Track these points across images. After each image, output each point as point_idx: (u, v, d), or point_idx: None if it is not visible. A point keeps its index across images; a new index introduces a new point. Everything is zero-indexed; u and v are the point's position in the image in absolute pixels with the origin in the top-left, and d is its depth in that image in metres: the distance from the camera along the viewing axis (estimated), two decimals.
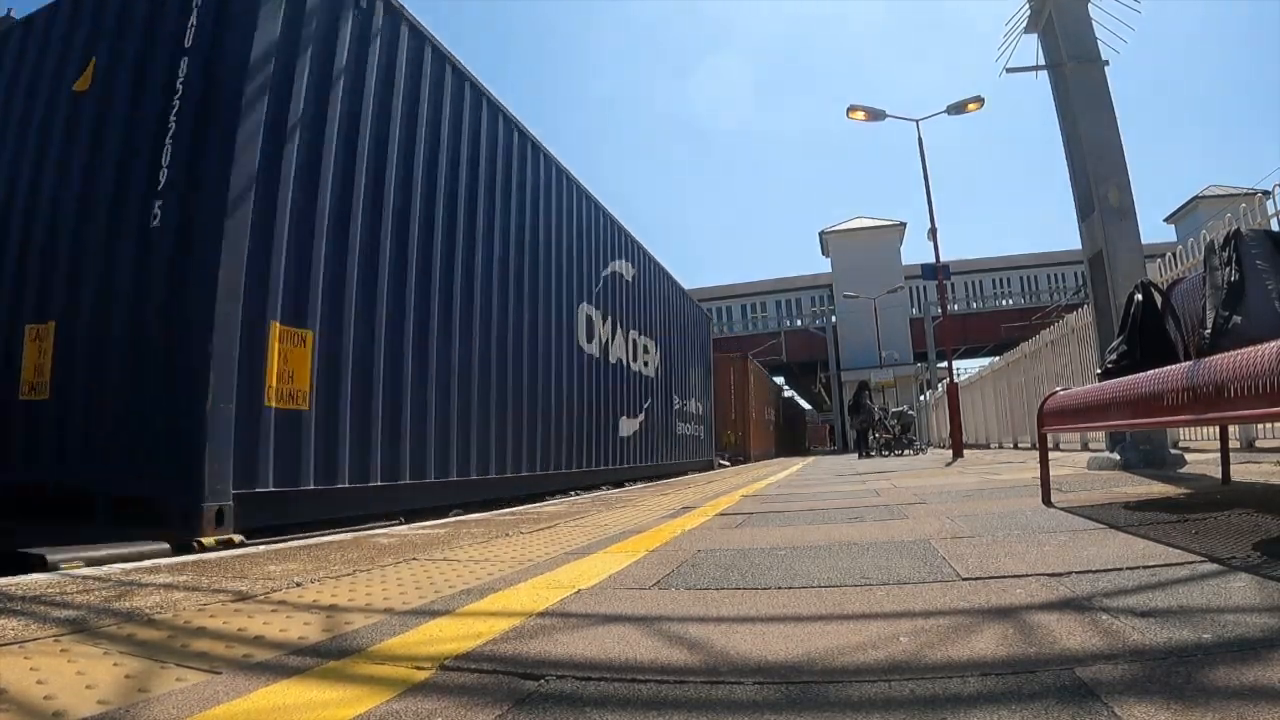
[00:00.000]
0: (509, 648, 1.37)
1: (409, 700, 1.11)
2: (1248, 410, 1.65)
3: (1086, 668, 1.07)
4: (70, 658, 1.35)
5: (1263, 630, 1.18)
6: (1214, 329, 2.36)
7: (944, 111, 11.91)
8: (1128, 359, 2.83)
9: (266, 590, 2.02)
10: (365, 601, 1.84)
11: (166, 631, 1.56)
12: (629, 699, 1.09)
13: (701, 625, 1.48)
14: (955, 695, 1.01)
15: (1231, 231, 2.51)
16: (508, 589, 1.94)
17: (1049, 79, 5.24)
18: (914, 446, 14.85)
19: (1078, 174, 5.08)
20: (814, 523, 3.15)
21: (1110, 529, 2.31)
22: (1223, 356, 1.75)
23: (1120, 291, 4.25)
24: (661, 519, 3.66)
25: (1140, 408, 2.23)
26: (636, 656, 1.28)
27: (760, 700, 1.05)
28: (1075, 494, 3.40)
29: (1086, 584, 1.59)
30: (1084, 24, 5.00)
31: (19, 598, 1.95)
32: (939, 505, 3.48)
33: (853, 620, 1.45)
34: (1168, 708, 0.90)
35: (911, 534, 2.56)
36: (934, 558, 2.06)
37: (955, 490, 4.28)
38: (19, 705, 1.11)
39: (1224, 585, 1.48)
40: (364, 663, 1.31)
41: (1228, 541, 1.92)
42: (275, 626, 1.58)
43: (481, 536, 3.25)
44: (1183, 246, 5.88)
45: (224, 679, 1.22)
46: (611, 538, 2.98)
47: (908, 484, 5.19)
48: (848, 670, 1.14)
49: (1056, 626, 1.28)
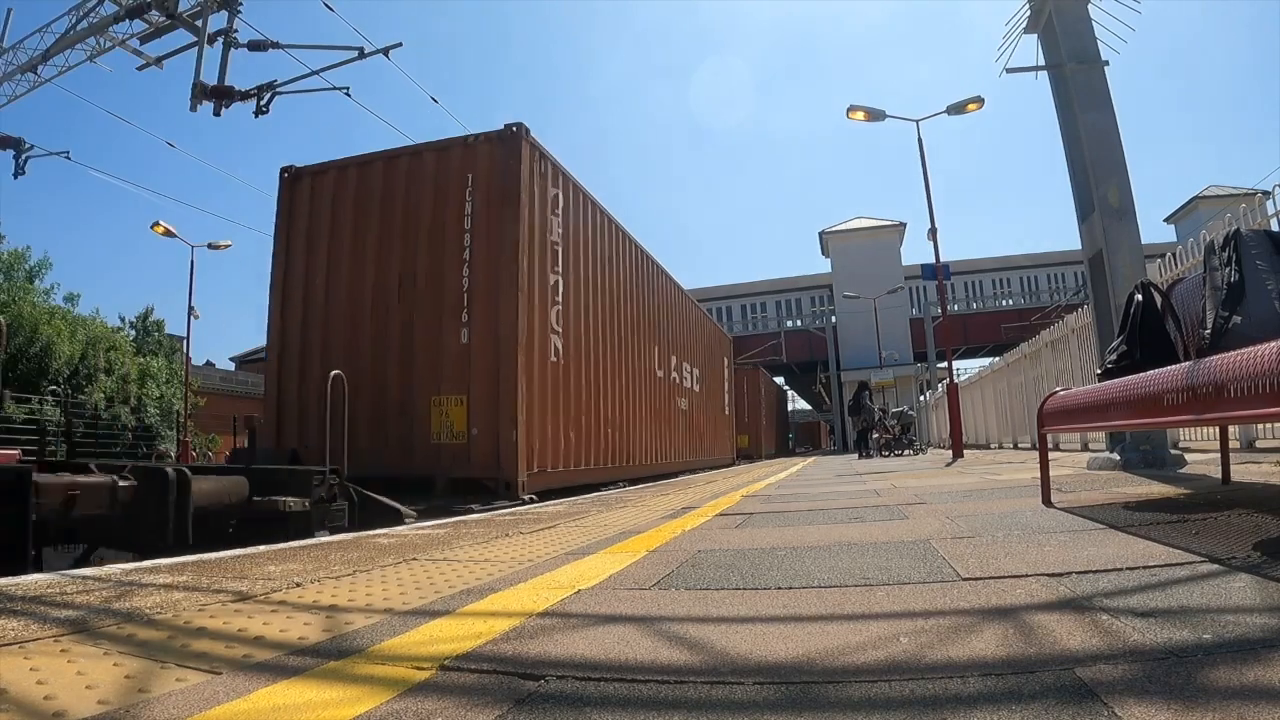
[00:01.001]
0: (509, 648, 1.37)
1: (409, 700, 1.11)
2: (1248, 410, 1.65)
3: (1087, 668, 1.07)
4: (70, 658, 1.35)
5: (1263, 630, 1.18)
6: (1214, 329, 2.37)
7: (944, 112, 11.92)
8: (1128, 359, 2.83)
9: (266, 590, 2.02)
10: (365, 602, 1.84)
11: (166, 632, 1.56)
12: (629, 699, 1.09)
13: (702, 625, 1.48)
14: (955, 695, 1.01)
15: (1231, 232, 2.52)
16: (508, 589, 1.94)
17: (1049, 79, 5.24)
18: (914, 447, 14.85)
19: (1078, 174, 5.08)
20: (814, 523, 3.15)
21: (1110, 529, 2.31)
22: (1223, 356, 1.75)
23: (1120, 291, 4.26)
24: (662, 519, 3.66)
25: (1140, 408, 2.23)
26: (637, 657, 1.28)
27: (760, 700, 1.05)
28: (1075, 494, 3.40)
29: (1087, 584, 1.59)
30: (1084, 24, 5.00)
31: (19, 598, 1.95)
32: (939, 505, 3.49)
33: (853, 620, 1.45)
34: (1168, 708, 0.90)
35: (912, 534, 2.56)
36: (934, 558, 2.06)
37: (955, 490, 4.28)
38: (19, 705, 1.11)
39: (1224, 585, 1.48)
40: (364, 663, 1.31)
41: (1228, 541, 1.92)
42: (275, 627, 1.58)
43: (481, 536, 3.25)
44: (1183, 246, 5.88)
45: (224, 679, 1.22)
46: (611, 538, 2.98)
47: (908, 484, 5.19)
48: (848, 670, 1.14)
49: (1057, 626, 1.28)
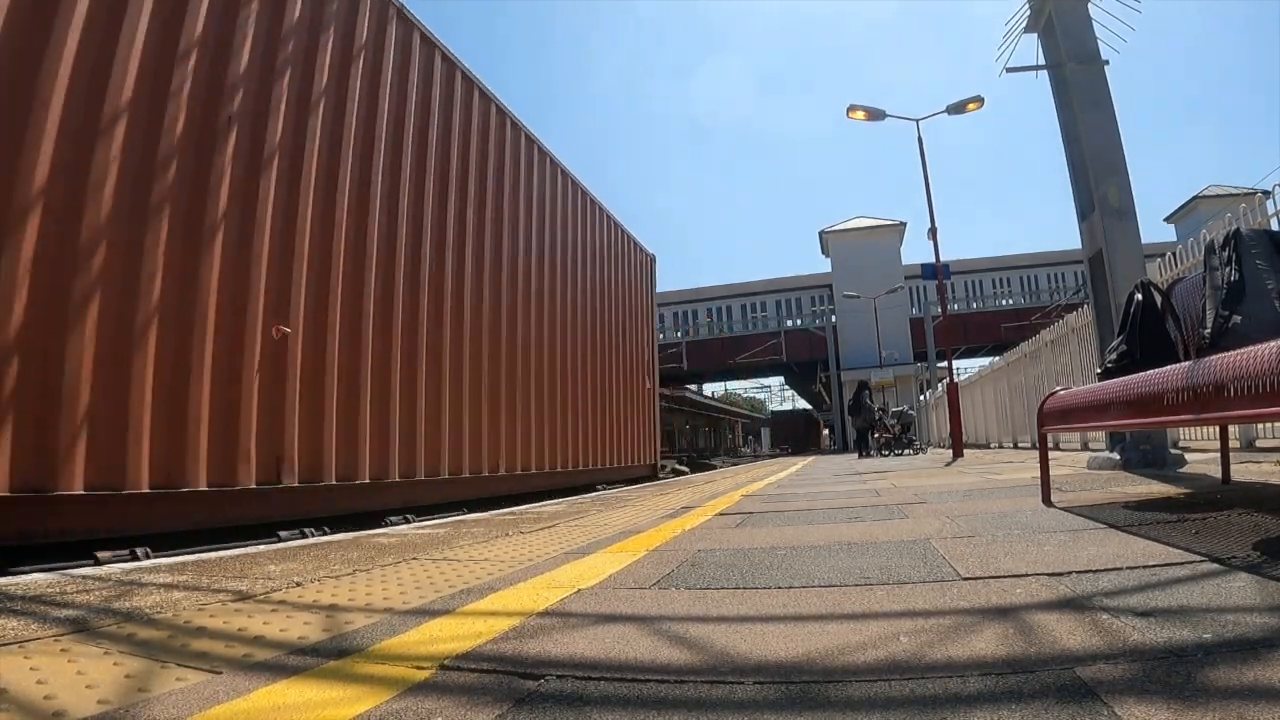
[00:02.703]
0: (509, 647, 1.37)
1: (409, 700, 1.11)
2: (1247, 410, 1.65)
3: (1087, 667, 1.06)
4: (70, 657, 1.35)
5: (1263, 630, 1.18)
6: (1214, 329, 2.36)
7: (944, 111, 11.91)
8: (1128, 359, 2.83)
9: (266, 590, 2.02)
10: (365, 601, 1.84)
11: (166, 631, 1.56)
12: (629, 699, 1.09)
13: (701, 625, 1.48)
14: (955, 695, 1.01)
15: (1231, 231, 2.51)
16: (508, 589, 1.94)
17: (1049, 79, 5.24)
18: (914, 446, 14.85)
19: (1078, 174, 5.07)
20: (814, 522, 3.15)
21: (1110, 529, 2.31)
22: (1222, 356, 1.75)
23: (1120, 291, 4.25)
24: (661, 519, 3.66)
25: (1140, 407, 2.23)
26: (636, 656, 1.28)
27: (760, 700, 1.05)
28: (1075, 494, 3.40)
29: (1087, 583, 1.59)
30: (1084, 24, 5.00)
31: (19, 597, 1.95)
32: (939, 505, 3.48)
33: (853, 620, 1.45)
34: (1168, 707, 0.90)
35: (911, 534, 2.56)
36: (934, 557, 2.06)
37: (955, 490, 4.28)
38: (19, 705, 1.11)
39: (1224, 585, 1.48)
40: (364, 662, 1.31)
41: (1228, 541, 1.92)
42: (275, 626, 1.58)
43: (481, 536, 3.25)
44: (1183, 246, 5.88)
45: (224, 679, 1.22)
46: (611, 537, 2.98)
47: (907, 484, 5.19)
48: (848, 670, 1.14)
49: (1057, 626, 1.28)
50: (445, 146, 7.31)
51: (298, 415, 5.18)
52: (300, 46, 5.43)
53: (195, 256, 4.49)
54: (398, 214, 6.45)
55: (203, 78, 4.57)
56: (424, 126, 6.94)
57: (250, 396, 4.80)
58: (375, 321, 6.06)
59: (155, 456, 4.10)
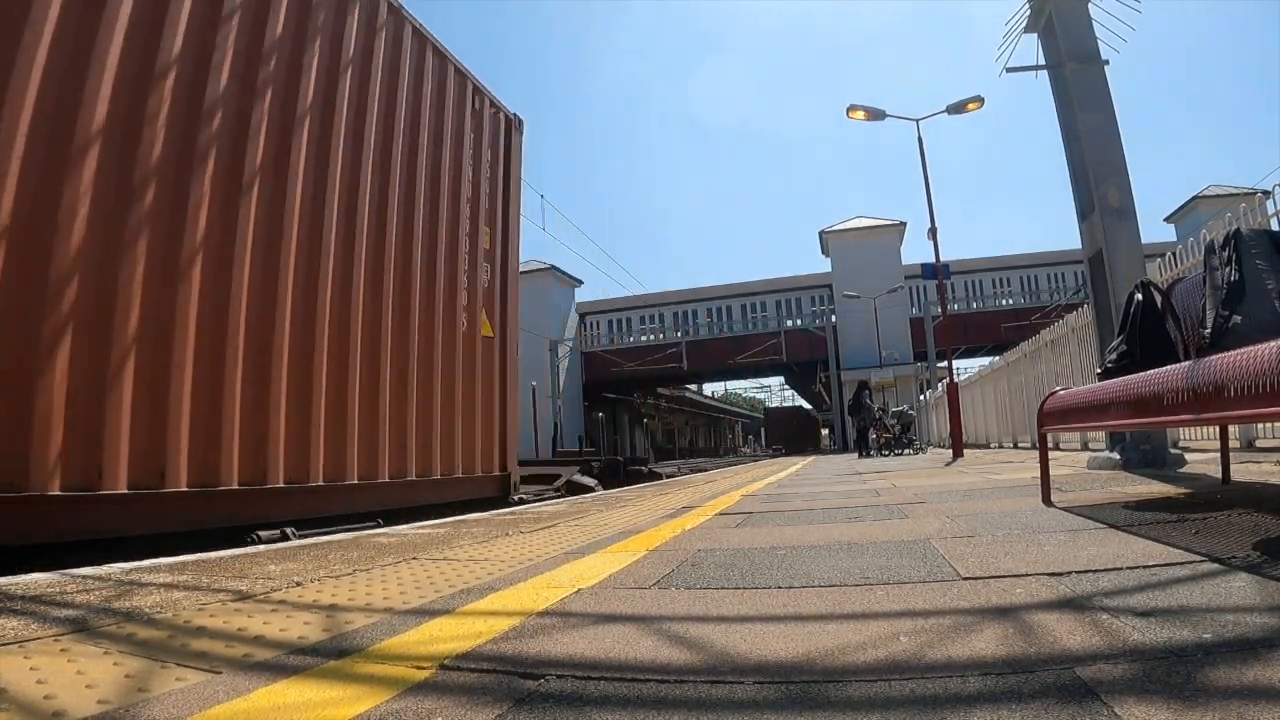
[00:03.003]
0: (509, 647, 1.37)
1: (409, 700, 1.11)
2: (1247, 410, 1.65)
3: (1087, 667, 1.06)
4: (70, 657, 1.35)
5: (1263, 630, 1.18)
6: (1214, 329, 2.36)
7: (944, 111, 11.92)
8: (1128, 359, 2.83)
9: (266, 590, 2.02)
10: (365, 601, 1.84)
11: (166, 631, 1.55)
12: (629, 699, 1.08)
13: (701, 625, 1.48)
14: (955, 695, 1.01)
15: (1231, 231, 2.51)
16: (508, 589, 1.94)
17: (1049, 78, 5.24)
18: (914, 446, 14.86)
19: (1078, 174, 5.07)
20: (814, 522, 3.15)
21: (1110, 529, 2.31)
22: (1222, 356, 1.75)
23: (1120, 291, 4.25)
24: (661, 519, 3.67)
25: (1140, 407, 2.23)
26: (637, 656, 1.28)
27: (760, 700, 1.05)
28: (1075, 494, 3.40)
29: (1087, 583, 1.59)
30: (1084, 24, 5.00)
31: (19, 597, 1.95)
32: (939, 505, 3.48)
33: (853, 620, 1.45)
34: (1168, 707, 0.90)
35: (911, 534, 2.56)
36: (934, 557, 2.06)
37: (955, 490, 4.28)
38: (19, 705, 1.11)
39: (1224, 585, 1.48)
40: (364, 662, 1.31)
41: (1228, 541, 1.92)
42: (275, 626, 1.58)
43: (481, 536, 3.25)
44: (1183, 246, 5.88)
45: (224, 679, 1.22)
46: (611, 537, 2.98)
47: (908, 484, 5.19)
48: (848, 670, 1.14)
49: (1057, 626, 1.28)
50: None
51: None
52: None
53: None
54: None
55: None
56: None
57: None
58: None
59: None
